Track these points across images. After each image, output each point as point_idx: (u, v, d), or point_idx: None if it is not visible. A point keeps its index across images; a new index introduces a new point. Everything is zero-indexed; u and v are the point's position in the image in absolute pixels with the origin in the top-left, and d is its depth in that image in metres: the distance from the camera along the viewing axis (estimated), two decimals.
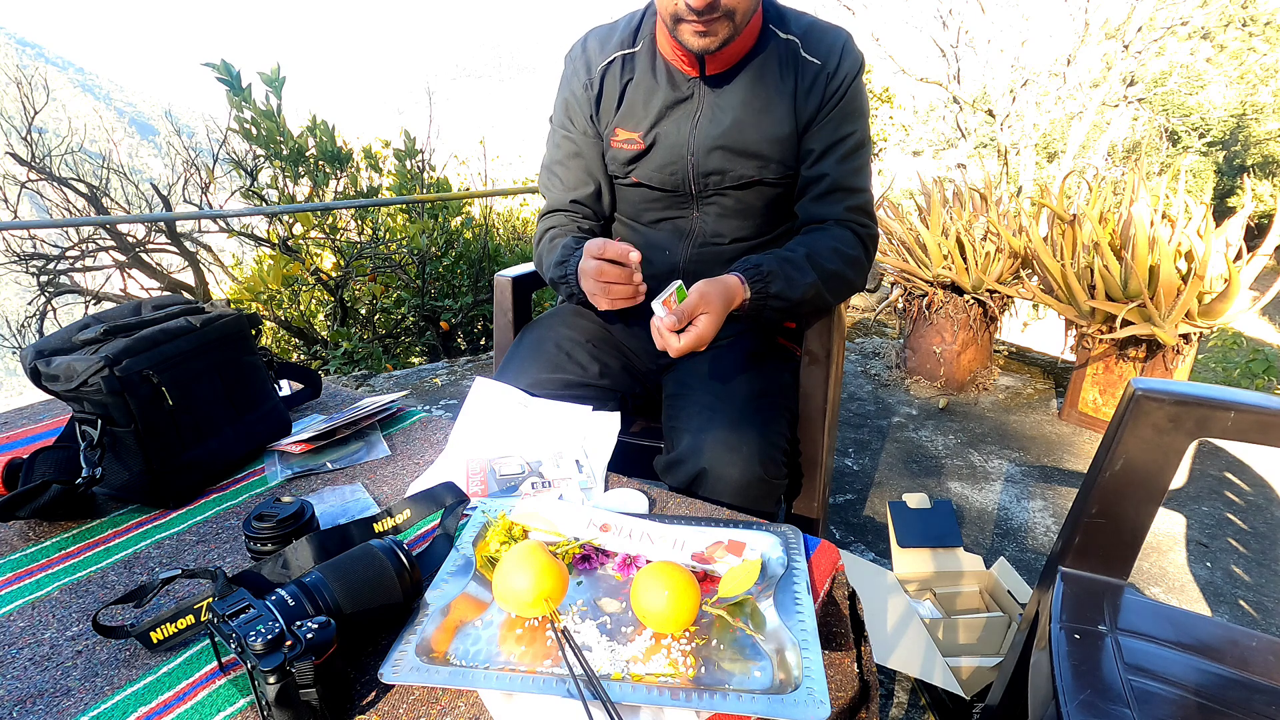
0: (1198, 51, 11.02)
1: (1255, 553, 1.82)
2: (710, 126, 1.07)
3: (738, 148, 1.07)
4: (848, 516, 1.98)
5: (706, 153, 1.07)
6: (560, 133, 1.16)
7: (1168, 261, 2.04)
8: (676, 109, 1.08)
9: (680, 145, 1.08)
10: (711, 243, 1.16)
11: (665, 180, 1.12)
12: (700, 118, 1.07)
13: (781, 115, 1.06)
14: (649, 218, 1.19)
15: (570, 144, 1.15)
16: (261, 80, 3.30)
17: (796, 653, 0.61)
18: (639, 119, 1.09)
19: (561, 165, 1.17)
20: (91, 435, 0.82)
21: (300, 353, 3.91)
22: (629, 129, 1.10)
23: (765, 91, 1.05)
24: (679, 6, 0.91)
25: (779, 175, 1.10)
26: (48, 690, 0.60)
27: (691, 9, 0.89)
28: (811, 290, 1.02)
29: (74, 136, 3.83)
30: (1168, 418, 0.87)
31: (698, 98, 1.07)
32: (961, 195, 2.95)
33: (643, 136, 1.09)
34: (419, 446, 1.03)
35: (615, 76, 1.09)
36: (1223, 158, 12.20)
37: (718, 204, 1.13)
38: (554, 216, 1.19)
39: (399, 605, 0.64)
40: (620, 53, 1.09)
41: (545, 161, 1.21)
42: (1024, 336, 3.46)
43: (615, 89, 1.10)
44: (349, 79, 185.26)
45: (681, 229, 1.17)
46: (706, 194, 1.12)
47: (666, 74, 1.07)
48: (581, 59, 1.11)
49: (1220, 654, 0.81)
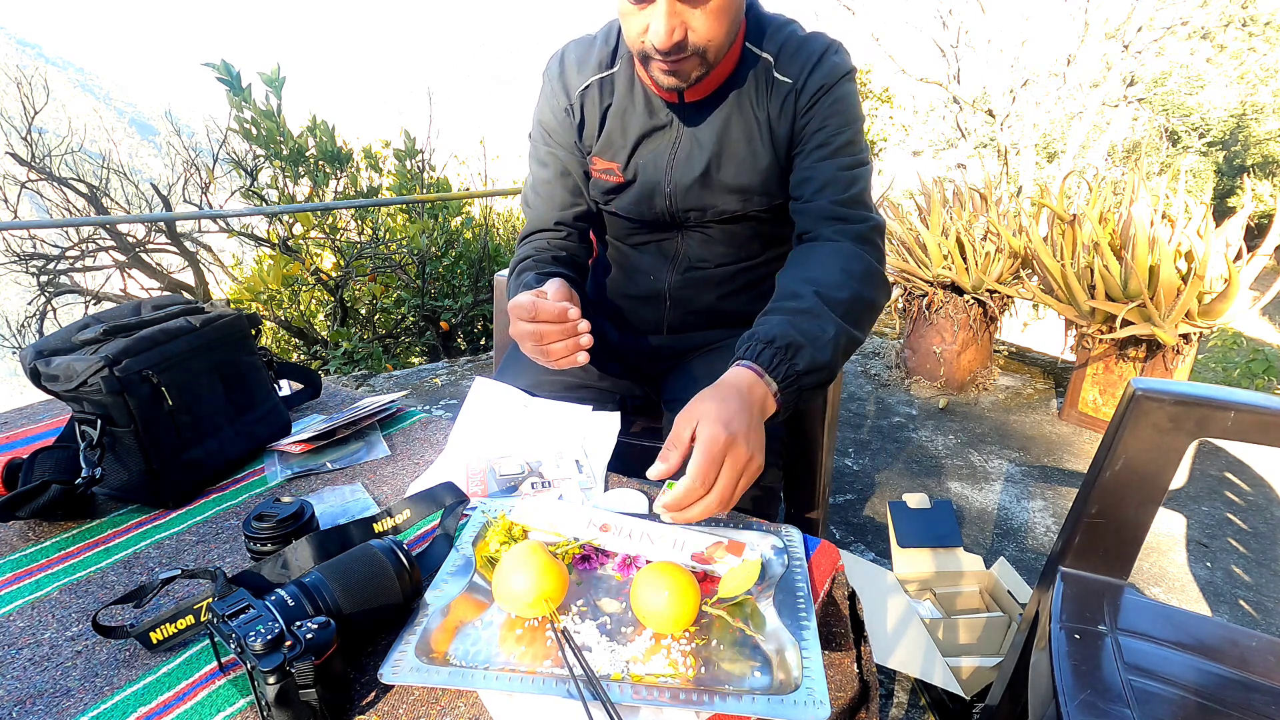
0: (1198, 51, 11.02)
1: (1255, 553, 1.82)
2: (687, 162, 0.99)
3: (717, 184, 1.00)
4: (848, 516, 1.98)
5: (684, 190, 1.01)
6: (544, 149, 1.08)
7: (1168, 261, 2.04)
8: (654, 138, 1.01)
9: (657, 181, 1.01)
10: (697, 267, 1.10)
11: (644, 213, 1.06)
12: (678, 150, 1.00)
13: (760, 145, 0.98)
14: (633, 241, 1.14)
15: (557, 162, 1.08)
16: (261, 80, 3.30)
17: (796, 653, 0.61)
18: (617, 148, 1.02)
19: (548, 185, 1.09)
20: (91, 435, 0.82)
21: (300, 353, 3.91)
22: (607, 159, 1.03)
23: (744, 120, 0.97)
24: (645, 46, 0.85)
25: (764, 207, 1.02)
26: (47, 690, 0.59)
27: (657, 50, 0.83)
28: (842, 339, 0.81)
29: (74, 136, 3.84)
30: (1168, 418, 0.87)
31: (675, 128, 0.99)
32: (961, 195, 2.95)
33: (621, 169, 1.03)
34: (419, 446, 1.03)
35: (595, 101, 1.02)
36: (1223, 158, 12.20)
37: (702, 233, 1.07)
38: (533, 242, 1.10)
39: (399, 605, 0.64)
40: (598, 76, 1.01)
41: (530, 182, 1.12)
42: (1024, 336, 3.46)
43: (596, 114, 1.02)
44: (349, 79, 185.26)
45: (666, 252, 1.11)
46: (689, 225, 1.07)
47: (645, 99, 1.00)
48: (559, 81, 1.04)
49: (1220, 654, 0.81)
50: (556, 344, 0.84)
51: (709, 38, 0.83)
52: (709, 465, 0.65)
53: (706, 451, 0.65)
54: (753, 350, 0.75)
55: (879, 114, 6.85)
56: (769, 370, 0.74)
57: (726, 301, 1.13)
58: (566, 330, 0.83)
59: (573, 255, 1.10)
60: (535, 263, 1.05)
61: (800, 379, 0.75)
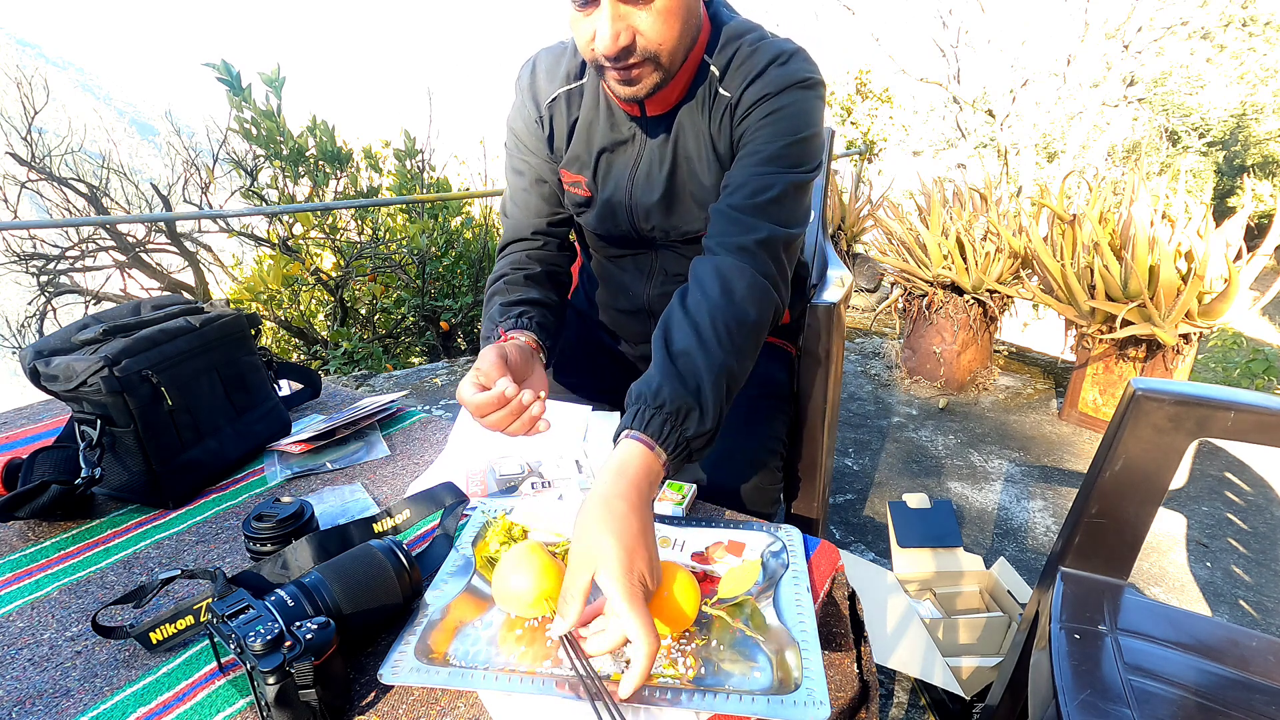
0: (1197, 51, 11.02)
1: (1255, 553, 1.82)
2: (646, 182, 0.97)
3: (678, 201, 0.97)
4: (848, 516, 1.98)
5: (646, 210, 0.98)
6: (518, 158, 1.05)
7: (1168, 261, 2.04)
8: (615, 153, 0.98)
9: (620, 202, 0.99)
10: (675, 280, 1.07)
11: (611, 230, 1.04)
12: (638, 169, 0.97)
13: (709, 160, 0.94)
14: (610, 254, 1.12)
15: (531, 170, 1.04)
16: (262, 80, 3.31)
17: (796, 653, 0.61)
18: (583, 163, 1.00)
19: (524, 193, 1.06)
20: (91, 435, 0.82)
21: (300, 353, 3.91)
22: (575, 172, 1.01)
23: (695, 134, 0.94)
24: (595, 55, 0.82)
25: None
26: (47, 691, 0.59)
27: (606, 57, 0.80)
28: (723, 384, 0.74)
29: (74, 136, 3.83)
30: (1168, 418, 0.87)
31: (638, 143, 0.97)
32: (961, 195, 2.95)
33: (588, 184, 1.01)
34: (419, 446, 1.03)
35: (563, 113, 0.99)
36: (1223, 158, 12.20)
37: (674, 250, 1.06)
38: (509, 255, 1.06)
39: (399, 606, 0.64)
40: (567, 87, 0.98)
41: (508, 192, 1.09)
42: (1024, 336, 3.46)
43: (564, 126, 1.00)
44: (349, 79, 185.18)
45: (642, 266, 1.09)
46: (658, 244, 1.05)
47: (609, 112, 0.97)
48: (529, 91, 1.01)
49: (1220, 654, 0.81)
50: (514, 425, 0.79)
51: (659, 41, 0.80)
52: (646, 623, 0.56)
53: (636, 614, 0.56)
54: (640, 420, 0.70)
55: (879, 114, 6.85)
56: (660, 441, 0.69)
57: None
58: (514, 411, 0.78)
59: (550, 267, 1.06)
60: (506, 285, 1.00)
61: (690, 443, 0.71)
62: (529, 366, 0.87)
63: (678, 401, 0.70)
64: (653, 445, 0.69)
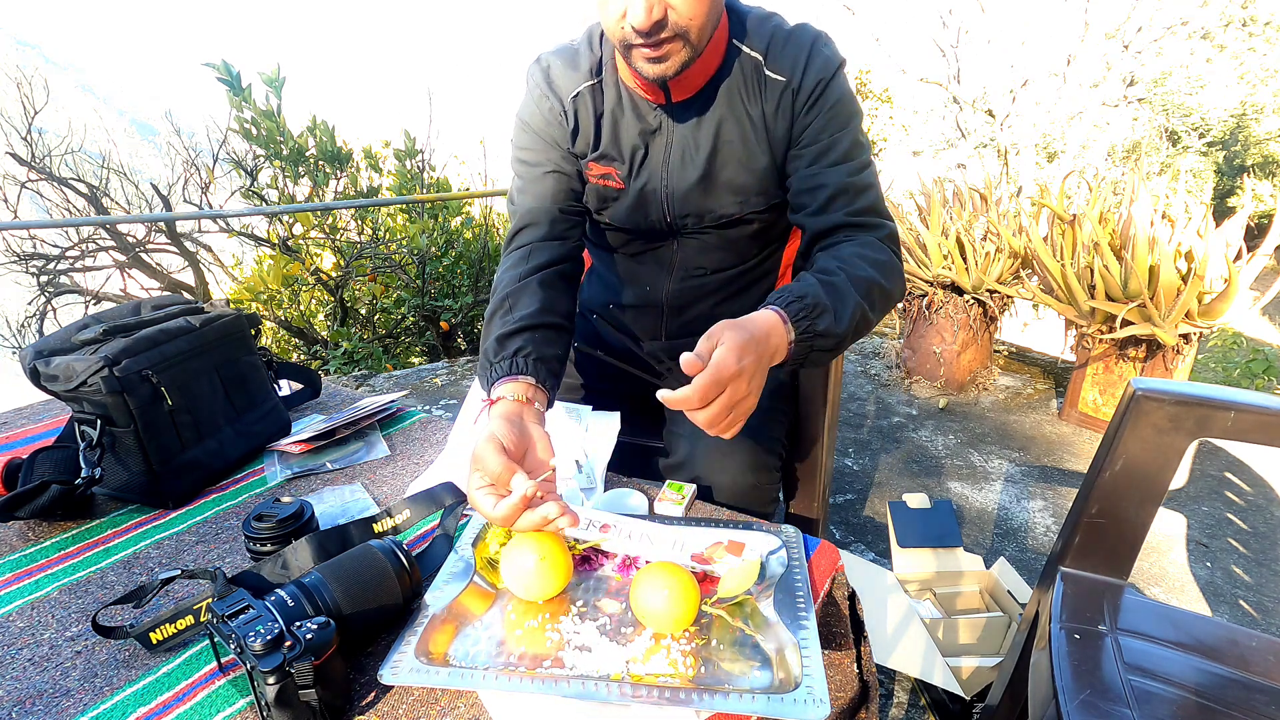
0: (1197, 51, 11.02)
1: (1255, 553, 1.82)
2: (682, 166, 0.97)
3: (715, 186, 0.98)
4: (848, 516, 1.98)
5: (683, 195, 0.98)
6: (532, 151, 1.03)
7: (1168, 261, 2.04)
8: (647, 142, 0.98)
9: (654, 190, 0.99)
10: (694, 275, 1.08)
11: (639, 222, 1.03)
12: (671, 154, 0.98)
13: (756, 144, 0.96)
14: (628, 250, 1.12)
15: (549, 161, 1.02)
16: (262, 80, 3.30)
17: (796, 653, 0.61)
18: (614, 155, 1.00)
19: (538, 181, 1.03)
20: (91, 435, 0.82)
21: (300, 353, 3.91)
22: (604, 165, 1.01)
23: (737, 119, 0.95)
24: (625, 32, 0.83)
25: (763, 207, 1.00)
26: (47, 691, 0.59)
27: (637, 32, 0.81)
28: (858, 315, 0.82)
29: (74, 136, 3.83)
30: (1168, 418, 0.86)
31: (666, 130, 0.97)
32: (961, 195, 2.95)
33: (620, 175, 1.00)
34: (419, 446, 1.03)
35: (587, 108, 0.99)
36: (1223, 158, 12.19)
37: (697, 239, 1.05)
38: (519, 248, 1.01)
39: (398, 606, 0.64)
40: (589, 82, 0.99)
41: (517, 185, 1.05)
42: (1024, 336, 3.45)
43: (590, 120, 1.00)
44: (349, 79, 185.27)
45: (662, 260, 1.09)
46: (685, 232, 1.04)
47: (632, 104, 0.97)
48: (547, 86, 1.00)
49: (1220, 654, 0.81)
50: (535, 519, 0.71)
51: (690, 15, 0.81)
52: (711, 385, 0.67)
53: (714, 373, 0.67)
54: (783, 300, 0.78)
55: (879, 114, 6.85)
56: (793, 320, 0.76)
57: (724, 306, 1.11)
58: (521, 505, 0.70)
59: (561, 264, 1.01)
60: (509, 301, 0.93)
61: (815, 339, 0.78)
62: (526, 438, 0.77)
63: (818, 300, 0.78)
64: (785, 321, 0.76)
